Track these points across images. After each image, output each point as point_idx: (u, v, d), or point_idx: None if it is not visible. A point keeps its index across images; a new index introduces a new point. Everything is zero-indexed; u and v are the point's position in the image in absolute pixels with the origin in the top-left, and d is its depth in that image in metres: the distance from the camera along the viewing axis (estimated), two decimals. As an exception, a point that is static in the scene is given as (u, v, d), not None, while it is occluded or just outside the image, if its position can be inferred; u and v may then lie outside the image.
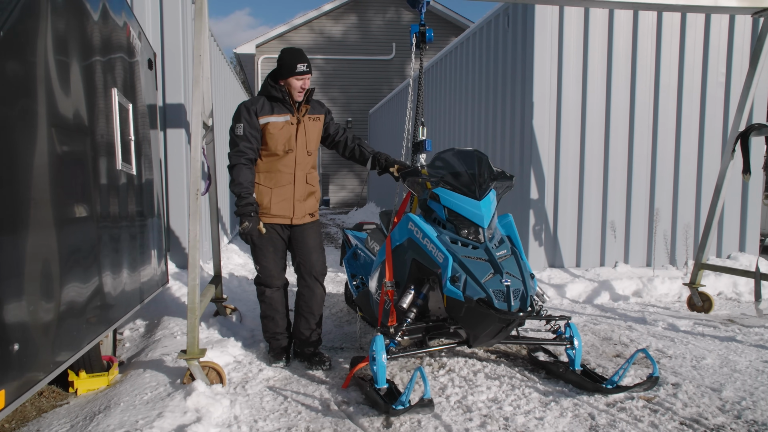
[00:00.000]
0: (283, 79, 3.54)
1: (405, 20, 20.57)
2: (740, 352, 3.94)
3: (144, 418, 2.71)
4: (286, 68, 3.51)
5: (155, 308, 4.68)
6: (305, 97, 3.60)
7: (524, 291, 3.01)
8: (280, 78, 3.56)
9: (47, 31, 2.33)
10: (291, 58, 3.52)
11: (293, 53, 3.55)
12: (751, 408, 2.94)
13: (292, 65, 3.50)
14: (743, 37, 6.63)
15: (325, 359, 3.65)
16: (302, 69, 3.51)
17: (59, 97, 2.44)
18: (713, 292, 5.75)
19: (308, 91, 3.60)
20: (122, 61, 3.50)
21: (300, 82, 3.52)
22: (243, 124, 3.50)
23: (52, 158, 2.34)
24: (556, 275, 6.18)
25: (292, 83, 3.52)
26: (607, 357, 3.87)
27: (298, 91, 3.54)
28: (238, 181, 3.45)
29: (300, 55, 3.54)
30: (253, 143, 3.52)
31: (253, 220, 3.43)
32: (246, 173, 3.47)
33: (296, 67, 3.50)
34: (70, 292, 2.47)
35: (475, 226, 3.21)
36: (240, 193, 3.44)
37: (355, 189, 21.05)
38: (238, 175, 3.46)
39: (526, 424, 2.79)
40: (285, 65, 3.52)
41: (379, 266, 3.60)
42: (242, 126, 3.50)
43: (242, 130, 3.50)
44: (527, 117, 6.37)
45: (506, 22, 6.89)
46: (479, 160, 3.43)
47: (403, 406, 2.69)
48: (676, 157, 6.62)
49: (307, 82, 3.56)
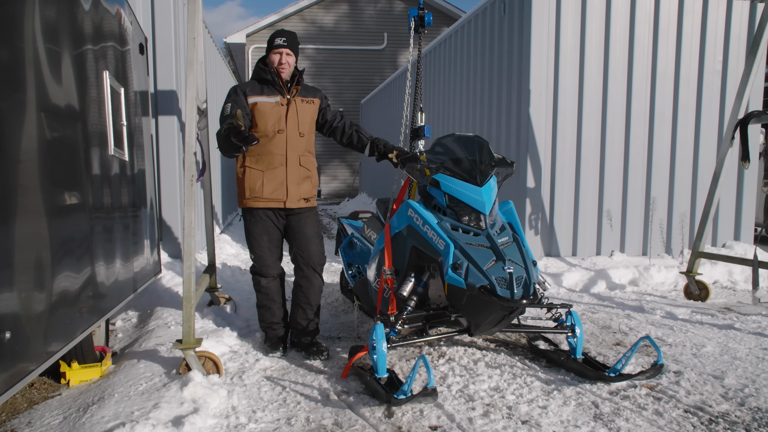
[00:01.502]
0: (267, 57, 3.56)
1: (397, 10, 20.42)
2: (739, 339, 3.92)
3: (140, 409, 2.64)
4: (268, 46, 3.57)
5: (148, 298, 4.60)
6: (294, 78, 3.57)
7: (527, 278, 2.96)
8: (266, 59, 3.59)
9: (35, 14, 2.23)
10: (272, 36, 3.56)
11: (275, 32, 3.60)
12: (754, 395, 2.92)
13: (271, 41, 3.55)
14: (740, 24, 6.60)
15: (323, 349, 3.59)
16: (278, 42, 3.52)
17: (49, 81, 2.34)
18: (709, 281, 5.75)
19: (297, 72, 3.59)
20: (113, 44, 3.40)
21: (277, 56, 3.51)
22: (231, 103, 3.49)
23: (42, 144, 2.25)
24: (553, 264, 6.16)
25: (272, 58, 3.53)
26: (607, 345, 3.84)
27: (279, 66, 3.51)
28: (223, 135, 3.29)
29: (281, 32, 3.58)
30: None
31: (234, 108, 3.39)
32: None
33: (273, 41, 3.53)
34: (62, 281, 2.39)
35: (477, 213, 3.16)
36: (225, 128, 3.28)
37: (346, 180, 20.93)
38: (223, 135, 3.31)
39: (529, 413, 2.75)
40: (267, 44, 3.59)
41: (377, 254, 3.54)
42: (229, 105, 3.48)
43: (229, 109, 3.46)
44: (524, 105, 6.31)
45: (503, 9, 6.81)
46: (480, 146, 3.37)
47: (405, 396, 2.64)
48: (673, 146, 6.60)
49: (286, 57, 3.52)
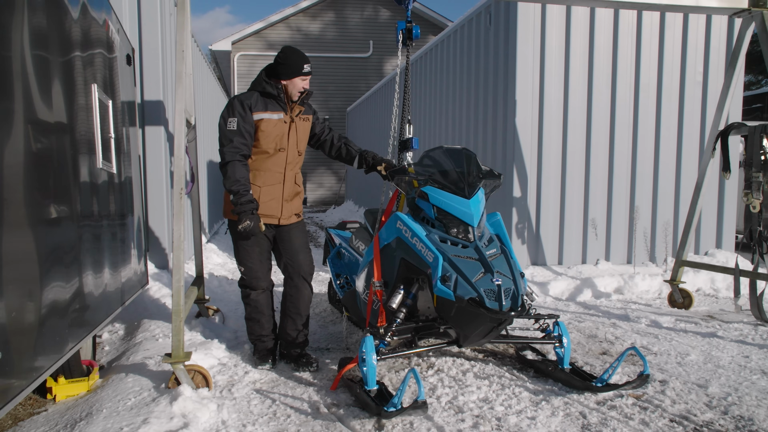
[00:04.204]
0: (287, 78, 3.46)
1: (383, 18, 20.54)
2: (722, 347, 3.99)
3: (129, 425, 2.62)
4: (292, 68, 3.45)
5: (135, 310, 4.56)
6: (301, 97, 3.53)
7: (515, 290, 3.00)
8: (281, 77, 3.47)
9: (24, 26, 2.23)
10: (297, 58, 3.46)
11: (298, 54, 3.49)
12: (737, 403, 2.97)
13: (298, 65, 3.44)
14: (719, 37, 6.74)
15: (312, 360, 3.60)
16: (308, 69, 3.48)
17: (36, 93, 2.33)
18: (692, 289, 5.84)
19: (306, 92, 3.54)
20: (101, 56, 3.39)
21: (304, 82, 3.48)
22: (237, 119, 3.38)
23: (28, 157, 2.24)
24: (539, 273, 6.21)
25: (297, 83, 3.46)
26: (594, 355, 3.89)
27: (299, 91, 3.49)
28: (235, 178, 3.32)
29: (304, 56, 3.51)
30: (248, 139, 3.40)
31: (254, 218, 3.31)
32: (242, 170, 3.36)
33: (303, 68, 3.46)
34: (50, 295, 2.37)
35: (465, 225, 3.19)
36: (238, 191, 3.31)
37: (332, 187, 20.94)
38: (234, 171, 3.33)
39: (518, 423, 2.78)
40: (290, 65, 3.45)
41: (366, 266, 3.55)
42: (236, 120, 3.38)
43: (236, 125, 3.37)
44: (510, 115, 6.38)
45: (488, 19, 6.89)
46: (468, 158, 3.41)
47: (395, 408, 2.65)
48: (656, 156, 6.71)
49: (308, 82, 3.53)
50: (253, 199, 3.36)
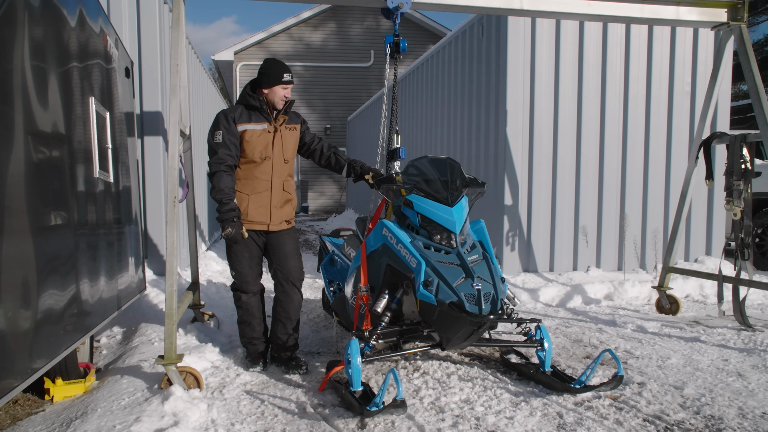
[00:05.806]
0: (268, 87, 3.63)
1: (383, 28, 20.75)
2: (703, 351, 4.09)
3: (121, 423, 2.74)
4: (273, 77, 3.62)
5: (132, 315, 4.69)
6: (285, 107, 3.69)
7: (495, 294, 3.11)
8: (263, 87, 3.65)
9: (24, 39, 2.37)
10: (277, 68, 3.64)
11: (278, 64, 3.68)
12: (709, 404, 3.07)
13: (278, 74, 3.62)
14: (707, 49, 6.88)
15: (302, 363, 3.71)
16: (288, 78, 3.64)
17: (36, 105, 2.47)
18: (681, 295, 5.94)
19: (289, 101, 3.70)
20: (99, 69, 3.54)
21: (285, 91, 3.64)
22: (222, 132, 3.57)
23: (28, 166, 2.37)
24: (530, 280, 6.32)
25: (277, 92, 3.62)
26: (577, 358, 3.99)
27: (281, 99, 3.64)
28: (219, 187, 3.50)
29: (285, 65, 3.68)
30: (233, 150, 3.58)
31: (235, 225, 3.49)
32: (226, 179, 3.53)
33: (282, 77, 3.62)
34: (48, 299, 2.50)
35: (448, 232, 3.31)
36: (221, 199, 3.49)
37: (333, 196, 21.09)
38: (219, 181, 3.51)
39: (496, 423, 2.88)
40: (271, 74, 3.62)
41: (354, 271, 3.67)
42: (221, 133, 3.57)
43: (221, 137, 3.56)
44: (501, 125, 6.51)
45: (480, 31, 7.05)
46: (451, 168, 3.54)
47: (377, 408, 2.77)
48: (645, 164, 6.83)
49: (289, 91, 3.68)
50: (236, 207, 3.52)
